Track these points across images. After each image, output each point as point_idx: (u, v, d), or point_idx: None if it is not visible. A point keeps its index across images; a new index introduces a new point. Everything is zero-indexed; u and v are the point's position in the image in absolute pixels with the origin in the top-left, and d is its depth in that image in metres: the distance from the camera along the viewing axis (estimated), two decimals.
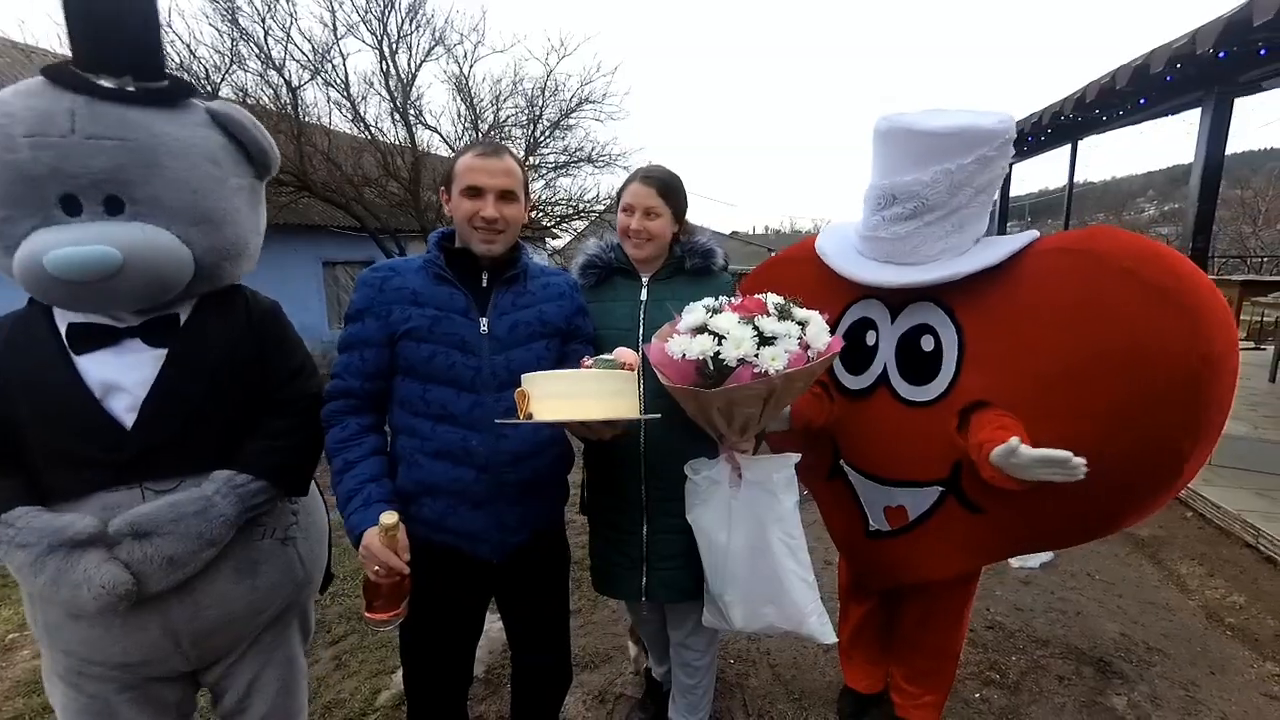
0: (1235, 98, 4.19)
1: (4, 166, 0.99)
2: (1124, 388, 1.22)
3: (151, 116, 1.08)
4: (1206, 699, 2.09)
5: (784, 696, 2.13)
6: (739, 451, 1.40)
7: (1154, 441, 1.24)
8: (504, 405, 1.29)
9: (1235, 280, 6.94)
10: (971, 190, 1.35)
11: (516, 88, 8.81)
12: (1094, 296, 1.25)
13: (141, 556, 1.04)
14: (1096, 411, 1.26)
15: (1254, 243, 20.64)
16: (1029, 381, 1.33)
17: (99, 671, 1.12)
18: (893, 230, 1.42)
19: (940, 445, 1.43)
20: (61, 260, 0.98)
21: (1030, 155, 7.37)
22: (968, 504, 1.45)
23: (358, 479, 1.26)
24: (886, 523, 1.61)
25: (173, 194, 1.09)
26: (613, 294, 1.60)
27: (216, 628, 1.19)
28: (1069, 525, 1.45)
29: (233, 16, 6.60)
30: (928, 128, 1.34)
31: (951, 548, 1.53)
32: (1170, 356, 1.17)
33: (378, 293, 1.31)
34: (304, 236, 9.18)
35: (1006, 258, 1.35)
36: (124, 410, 1.07)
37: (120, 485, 1.07)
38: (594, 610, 2.66)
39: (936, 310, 1.45)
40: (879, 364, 1.54)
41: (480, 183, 1.28)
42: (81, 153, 1.01)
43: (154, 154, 1.07)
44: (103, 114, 1.04)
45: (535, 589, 1.49)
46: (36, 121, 1.00)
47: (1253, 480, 3.70)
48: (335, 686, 2.20)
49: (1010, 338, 1.35)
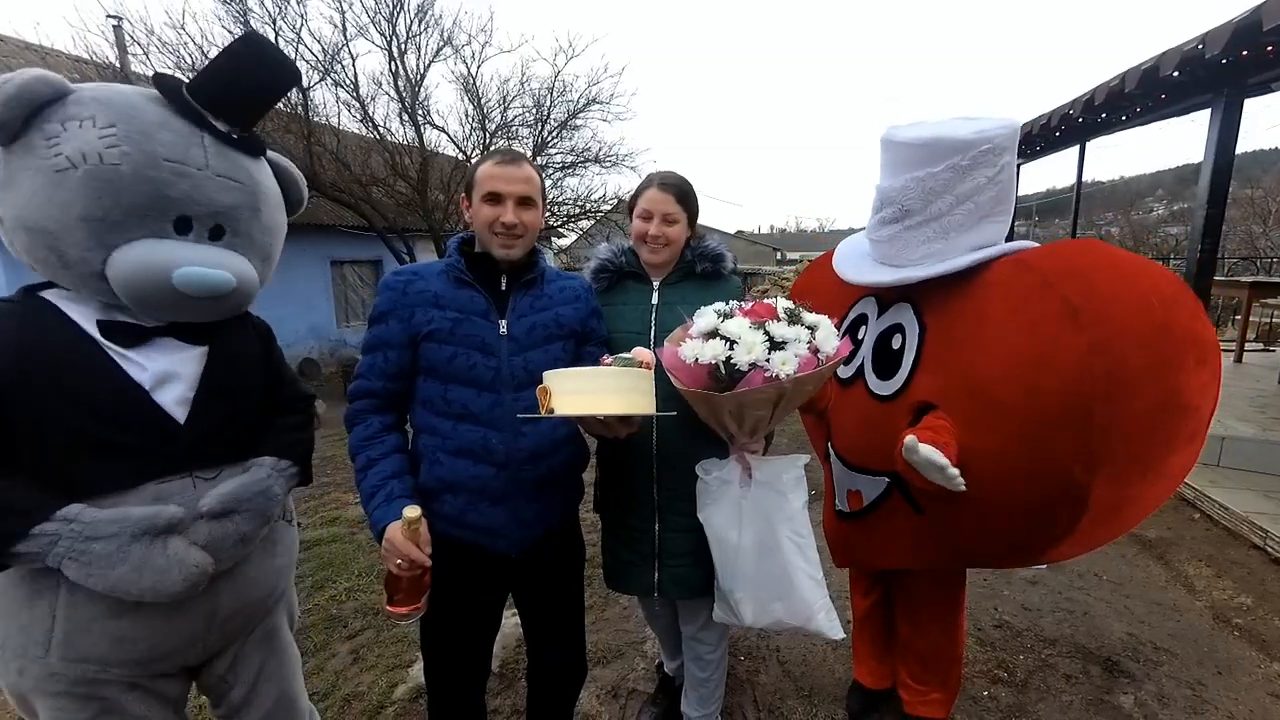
0: (1244, 99, 4.19)
1: (143, 181, 1.07)
2: (1030, 405, 1.19)
3: (252, 165, 1.23)
4: (1213, 698, 2.11)
5: (793, 693, 2.16)
6: (749, 452, 1.43)
7: (1051, 465, 1.19)
8: (522, 404, 1.33)
9: (1245, 281, 6.90)
10: (951, 198, 1.36)
11: (524, 88, 8.88)
12: (1020, 309, 1.24)
13: (221, 535, 1.12)
14: (1008, 425, 1.23)
15: (1264, 242, 20.47)
16: (966, 388, 1.32)
17: (115, 674, 1.12)
18: (879, 234, 1.50)
19: (892, 439, 1.40)
20: (194, 278, 1.08)
21: (1039, 156, 7.36)
22: (911, 501, 1.49)
23: (380, 475, 1.30)
24: (847, 504, 1.70)
25: (260, 233, 1.25)
26: (624, 297, 1.63)
27: (245, 604, 1.26)
28: (991, 542, 1.42)
29: (244, 18, 6.67)
30: (901, 138, 1.41)
31: (899, 540, 1.59)
32: (1063, 379, 1.13)
33: (401, 296, 1.35)
34: (312, 236, 9.26)
35: (967, 265, 1.38)
36: (172, 403, 1.12)
37: (172, 475, 1.12)
38: (606, 607, 2.70)
39: (908, 311, 1.50)
40: (860, 356, 1.61)
41: (500, 189, 1.32)
42: (213, 188, 1.14)
43: (258, 199, 1.23)
44: (225, 156, 1.17)
45: (552, 583, 1.53)
46: (178, 149, 1.10)
47: (1261, 482, 3.70)
48: (353, 680, 2.24)
49: (959, 343, 1.36)
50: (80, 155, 1.02)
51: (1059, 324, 1.15)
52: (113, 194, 1.04)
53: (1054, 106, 5.84)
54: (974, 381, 1.30)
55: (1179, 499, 3.75)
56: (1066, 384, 1.13)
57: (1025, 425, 1.20)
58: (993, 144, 1.33)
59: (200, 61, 6.51)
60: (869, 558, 1.76)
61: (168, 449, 1.11)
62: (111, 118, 1.05)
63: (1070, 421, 1.14)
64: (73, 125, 1.03)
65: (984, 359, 1.29)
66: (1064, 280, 1.19)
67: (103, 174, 1.03)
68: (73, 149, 1.02)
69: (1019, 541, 1.37)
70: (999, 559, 1.60)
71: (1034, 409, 1.18)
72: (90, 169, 1.02)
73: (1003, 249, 1.39)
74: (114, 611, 1.09)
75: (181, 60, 6.46)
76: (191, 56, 6.47)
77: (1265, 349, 7.66)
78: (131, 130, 1.06)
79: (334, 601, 2.78)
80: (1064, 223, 11.52)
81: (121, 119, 1.06)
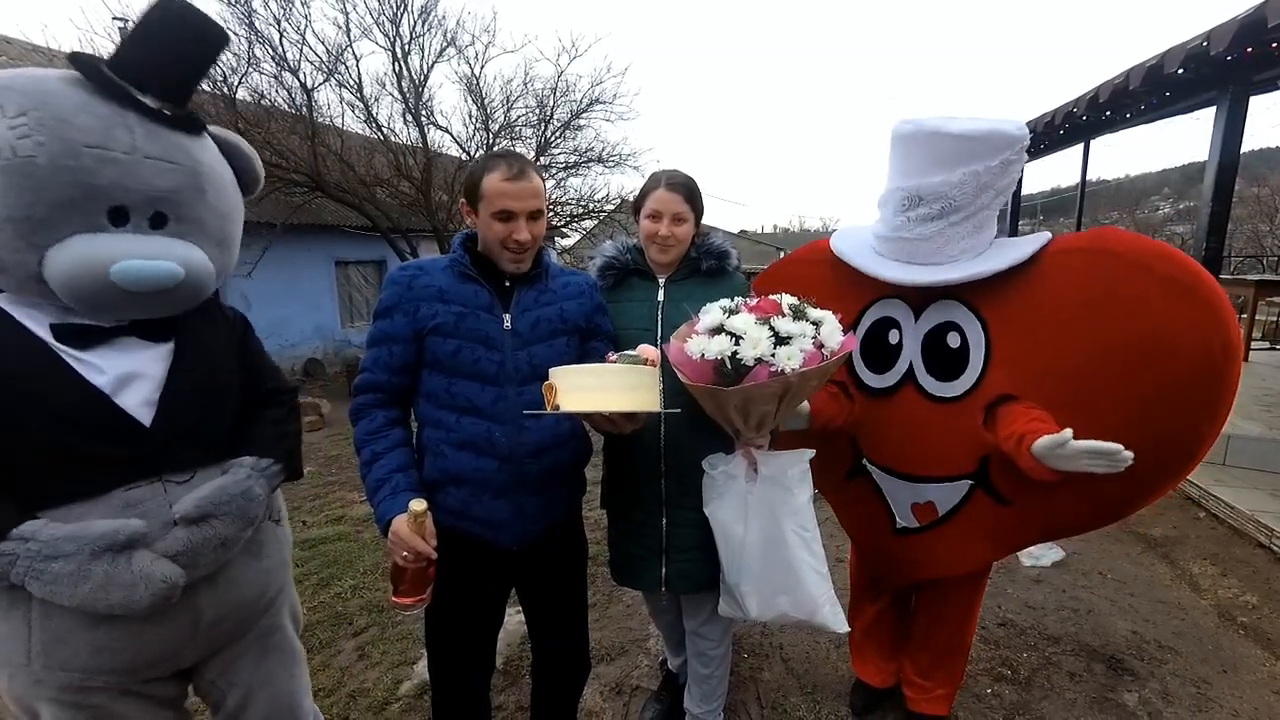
0: (1250, 97, 4.17)
1: (62, 171, 0.98)
2: (1147, 379, 1.29)
3: (190, 143, 1.12)
4: (1218, 696, 2.11)
5: (797, 690, 2.17)
6: (755, 447, 1.44)
7: (1177, 428, 1.31)
8: (526, 399, 1.34)
9: (1251, 280, 6.86)
10: (993, 192, 1.39)
11: (527, 88, 8.88)
12: (1114, 292, 1.31)
13: (200, 541, 1.06)
14: (1122, 403, 1.32)
15: (1270, 241, 20.36)
16: (1053, 375, 1.37)
17: (103, 681, 1.08)
18: (918, 231, 1.44)
19: (968, 439, 1.47)
20: (133, 271, 1.01)
21: (1043, 155, 7.34)
22: (996, 496, 1.48)
23: (385, 469, 1.31)
24: (915, 519, 1.62)
25: (210, 217, 1.16)
26: (630, 294, 1.64)
27: (232, 610, 1.20)
28: (1087, 513, 1.50)
29: (249, 20, 6.69)
30: (956, 130, 1.36)
31: (978, 540, 1.56)
32: (1195, 346, 1.24)
33: (406, 290, 1.36)
34: (317, 236, 9.29)
35: (1029, 257, 1.39)
36: (137, 405, 1.06)
37: (140, 480, 1.06)
38: (610, 604, 2.70)
39: (961, 308, 1.48)
40: (904, 362, 1.56)
41: (512, 207, 1.31)
42: (147, 172, 1.05)
43: (201, 180, 1.13)
44: (156, 135, 1.07)
45: (555, 577, 1.54)
46: (99, 132, 1.00)
47: (1266, 481, 3.69)
48: (359, 676, 2.25)
49: (1033, 333, 1.40)
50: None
51: (1170, 300, 1.25)
52: (32, 189, 0.96)
53: (1058, 104, 5.82)
54: (1066, 368, 1.36)
55: (1184, 497, 3.74)
56: (1197, 350, 1.24)
57: (1147, 397, 1.30)
58: (1027, 140, 1.38)
59: None
60: (942, 566, 1.66)
61: (134, 453, 1.05)
62: (22, 105, 0.95)
63: (1201, 386, 1.26)
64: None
65: (1077, 345, 1.35)
66: (1156, 262, 1.28)
67: (17, 168, 0.95)
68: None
69: (1117, 502, 1.46)
70: (1088, 524, 1.58)
71: (1159, 380, 1.28)
72: (3, 165, 0.94)
73: (1040, 240, 1.42)
74: (89, 623, 1.04)
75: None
76: None
77: (1271, 347, 7.62)
78: (45, 117, 0.96)
79: (339, 599, 2.79)
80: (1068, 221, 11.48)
81: (33, 105, 0.96)
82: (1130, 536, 3.34)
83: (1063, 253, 1.40)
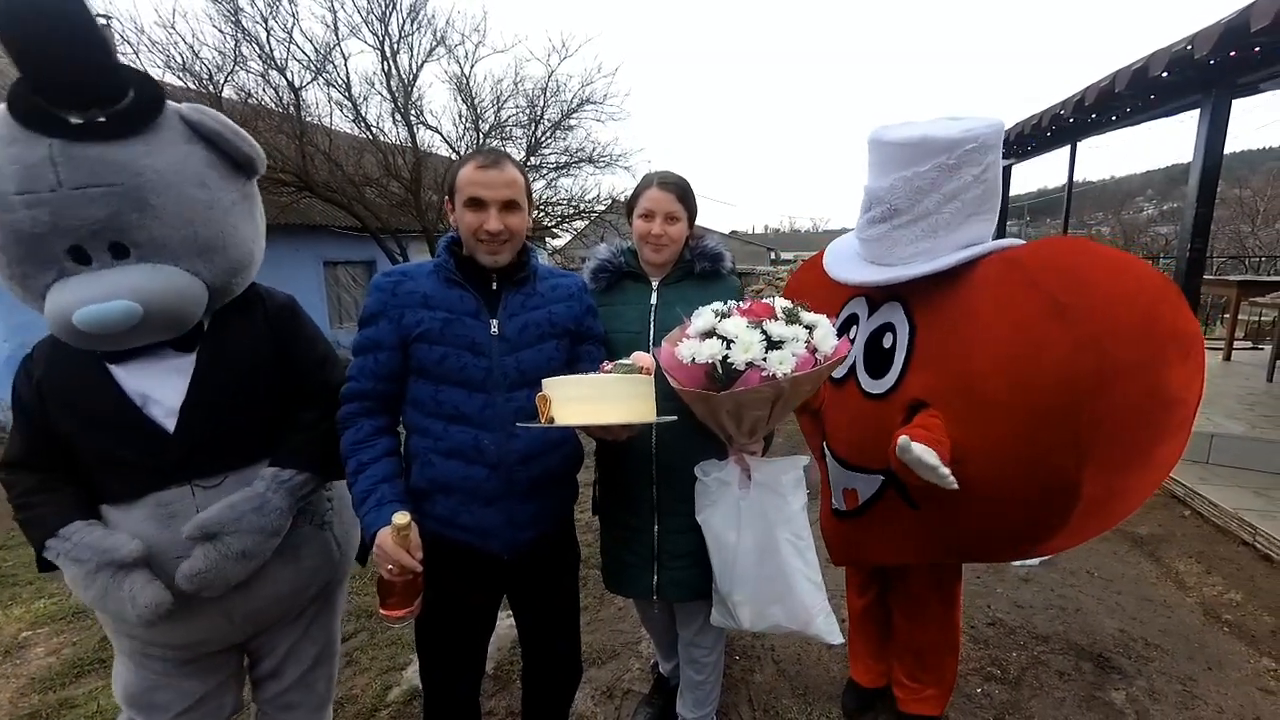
0: (1233, 100, 4.22)
1: (5, 227, 0.99)
2: (1020, 402, 1.21)
3: (130, 151, 1.03)
4: (1204, 694, 2.13)
5: (788, 692, 2.17)
6: (748, 453, 1.43)
7: (1042, 460, 1.21)
8: (514, 405, 1.32)
9: (1233, 281, 6.96)
10: (939, 197, 1.37)
11: (518, 88, 8.86)
12: (1008, 306, 1.26)
13: (218, 556, 1.13)
14: (999, 422, 1.25)
15: (1252, 242, 20.69)
16: (957, 386, 1.33)
17: (160, 652, 1.23)
18: (869, 232, 1.51)
19: (885, 437, 1.40)
20: (88, 318, 0.99)
21: (1030, 156, 7.40)
22: (906, 498, 1.49)
23: (371, 480, 1.29)
24: (844, 503, 1.70)
25: (170, 231, 1.07)
26: (623, 297, 1.63)
27: (266, 604, 1.30)
28: (985, 537, 1.45)
29: (235, 18, 6.63)
30: (888, 138, 1.42)
31: (895, 536, 1.60)
32: (1052, 375, 1.15)
33: (390, 296, 1.33)
34: (305, 236, 9.21)
35: (957, 263, 1.38)
36: (164, 415, 1.14)
37: (171, 485, 1.14)
38: (601, 608, 2.69)
39: (898, 310, 1.50)
40: (852, 356, 1.61)
41: (482, 195, 1.28)
42: (74, 205, 0.98)
43: (141, 194, 1.03)
44: (82, 158, 0.99)
45: (546, 584, 1.53)
46: (24, 177, 0.96)
47: (1250, 479, 3.74)
48: (347, 683, 2.23)
49: (949, 340, 1.38)
50: None
51: (1045, 320, 1.17)
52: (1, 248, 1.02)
53: (1045, 107, 5.88)
54: (964, 379, 1.31)
55: (1169, 496, 3.78)
56: (1054, 380, 1.15)
57: (1015, 421, 1.22)
58: (979, 142, 1.34)
59: (191, 61, 6.47)
60: (866, 555, 1.77)
61: (160, 461, 1.13)
62: None
63: (1059, 417, 1.16)
64: None
65: (974, 356, 1.30)
66: (1049, 277, 1.21)
67: None
68: None
69: (1012, 535, 1.40)
70: (994, 553, 1.60)
71: (1023, 405, 1.20)
72: None
73: (990, 247, 1.40)
74: None
75: (171, 59, 6.42)
76: (181, 56, 6.43)
77: (1254, 347, 7.74)
78: None
79: None
80: (1055, 222, 11.59)
81: None
82: (1116, 535, 3.37)
83: (994, 260, 1.36)
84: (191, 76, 6.46)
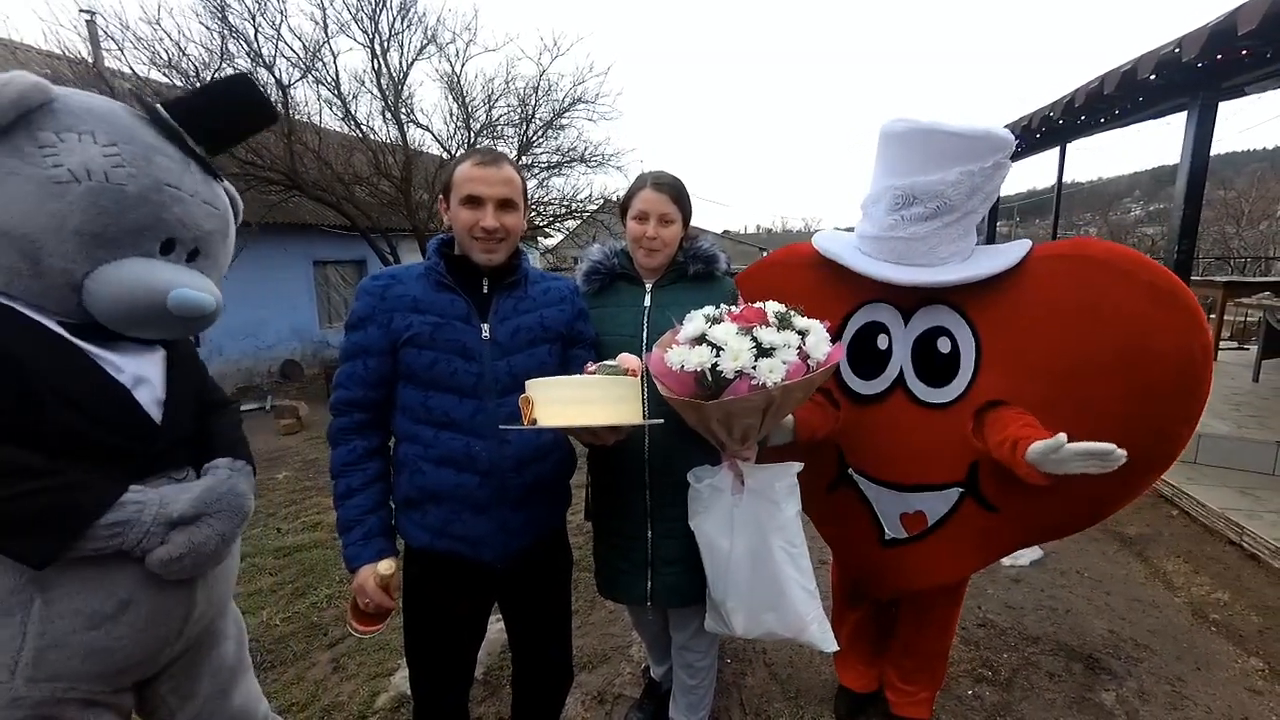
0: (1219, 102, 4.26)
1: (146, 203, 1.08)
2: (1132, 382, 1.32)
3: (220, 191, 1.25)
4: (1192, 694, 2.14)
5: (780, 695, 2.16)
6: (741, 459, 1.41)
7: (1158, 429, 1.35)
8: (506, 411, 1.30)
9: (1219, 281, 7.03)
10: (983, 195, 1.40)
11: (509, 87, 8.79)
12: (1098, 297, 1.34)
13: (202, 540, 1.11)
14: (1107, 405, 1.35)
15: (1237, 243, 20.94)
16: (1041, 380, 1.39)
17: (81, 691, 1.08)
18: (910, 230, 1.41)
19: (958, 446, 1.46)
20: (189, 300, 1.10)
21: (1020, 158, 7.45)
22: (984, 504, 1.48)
23: (359, 509, 1.31)
24: (904, 530, 1.58)
25: (225, 257, 1.29)
26: (616, 300, 1.61)
27: (212, 606, 1.27)
28: (1070, 516, 1.53)
29: (222, 14, 6.53)
30: (954, 129, 1.35)
31: (966, 548, 1.56)
32: (1174, 350, 1.29)
33: (379, 300, 1.31)
34: (294, 236, 9.12)
35: (1017, 262, 1.40)
36: (149, 402, 1.13)
37: (151, 475, 1.13)
38: (592, 611, 2.68)
39: (951, 313, 1.47)
40: (894, 367, 1.53)
41: (479, 192, 1.28)
42: (200, 214, 1.17)
43: (227, 225, 1.27)
44: (206, 182, 1.20)
45: (538, 591, 1.51)
46: (175, 174, 1.13)
47: (1236, 479, 3.78)
48: (334, 689, 2.20)
49: (1021, 339, 1.41)
50: (85, 170, 1.02)
51: (1153, 306, 1.29)
52: (115, 213, 1.05)
53: (1035, 108, 5.91)
54: (1055, 372, 1.38)
55: (1157, 495, 3.81)
56: (1175, 357, 1.29)
57: (1131, 399, 1.34)
58: (1014, 145, 1.39)
59: (177, 58, 6.37)
60: (930, 576, 1.62)
61: (146, 449, 1.12)
62: (113, 135, 1.06)
63: (1182, 388, 1.31)
64: (70, 137, 1.02)
65: (1066, 349, 1.37)
66: (1138, 269, 1.32)
67: (108, 192, 1.04)
68: (76, 163, 1.01)
69: (1097, 505, 1.50)
70: (1070, 528, 1.60)
71: (1142, 383, 1.32)
72: (95, 186, 1.02)
73: (1024, 246, 1.44)
74: (92, 622, 1.06)
75: (156, 56, 6.31)
76: (167, 52, 6.33)
77: (1240, 347, 7.83)
78: (135, 152, 1.07)
79: (314, 609, 2.73)
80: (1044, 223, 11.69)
81: (123, 138, 1.07)
82: (1106, 535, 3.39)
83: (1048, 259, 1.41)
84: (178, 73, 6.37)
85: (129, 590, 1.09)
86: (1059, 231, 8.33)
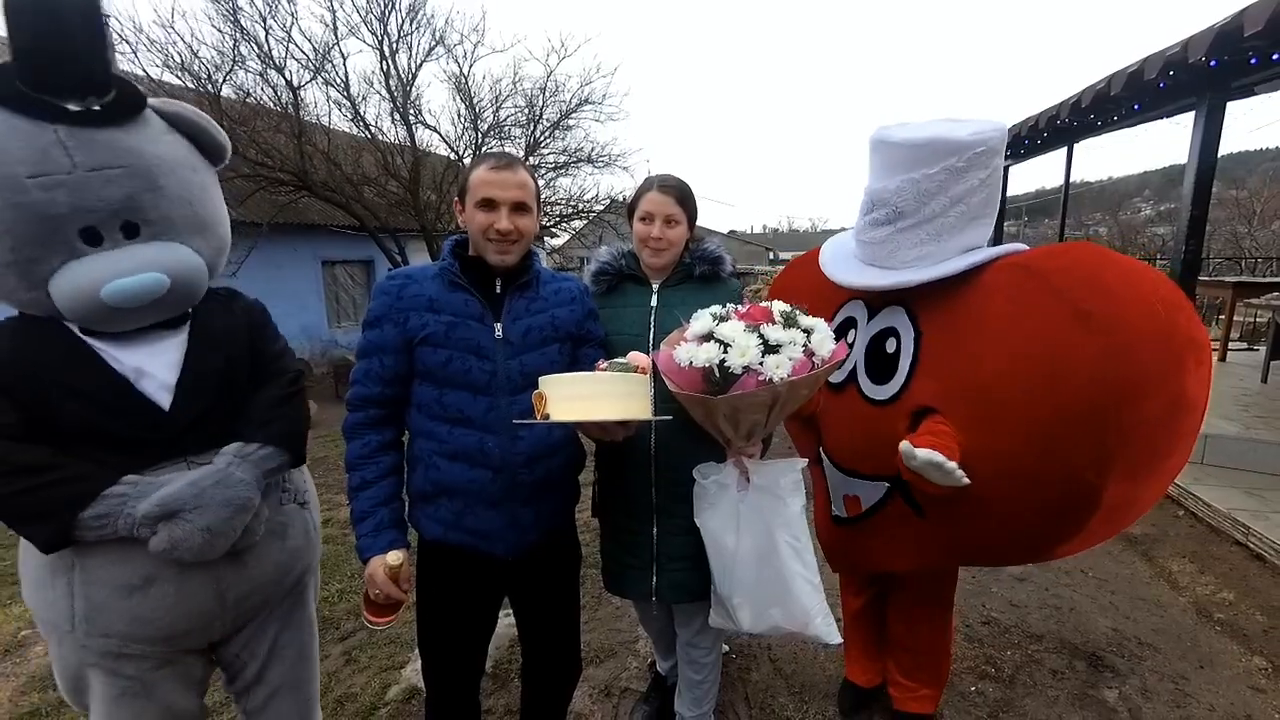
0: (1227, 103, 4.25)
1: (18, 209, 0.98)
2: (1041, 409, 1.20)
3: (130, 136, 1.08)
4: (1196, 692, 2.15)
5: (785, 690, 2.19)
6: (746, 456, 1.44)
7: (1064, 468, 1.21)
8: (518, 408, 1.33)
9: (1229, 282, 7.01)
10: (946, 200, 1.36)
11: (516, 88, 8.86)
12: (1026, 314, 1.25)
13: (182, 535, 1.09)
14: (1016, 428, 1.25)
15: (1249, 243, 20.75)
16: (968, 392, 1.33)
17: (139, 650, 1.16)
18: (871, 235, 1.49)
19: (891, 443, 1.39)
20: (119, 291, 1.03)
21: (1028, 158, 7.43)
22: (912, 504, 1.49)
23: (371, 501, 1.34)
24: (845, 510, 1.69)
25: (177, 210, 1.14)
26: (623, 300, 1.64)
27: (256, 586, 1.29)
28: (997, 542, 1.45)
29: (234, 17, 6.61)
30: (896, 139, 1.39)
31: (900, 543, 1.59)
32: (1079, 384, 1.15)
33: (395, 300, 1.35)
34: (303, 236, 9.19)
35: (965, 269, 1.38)
36: (156, 390, 1.13)
37: (166, 462, 1.14)
38: (599, 606, 2.71)
39: (902, 314, 1.50)
40: (852, 360, 1.59)
41: (494, 195, 1.31)
42: (92, 186, 1.03)
43: (152, 175, 1.09)
44: (93, 142, 1.03)
45: (548, 585, 1.54)
46: (35, 160, 0.98)
47: (1243, 479, 3.77)
48: (346, 681, 2.24)
49: (958, 347, 1.37)
50: None
51: (1070, 329, 1.16)
52: (7, 234, 1.00)
53: (1042, 108, 5.90)
54: (978, 385, 1.31)
55: (1164, 496, 3.81)
56: (1083, 389, 1.14)
57: (1036, 429, 1.21)
58: (986, 146, 1.34)
59: (190, 61, 6.46)
60: (867, 562, 1.74)
61: (157, 436, 1.13)
62: None
63: (1087, 426, 1.15)
64: None
65: (988, 363, 1.29)
66: (1072, 286, 1.20)
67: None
68: None
69: (1025, 540, 1.40)
70: (1003, 557, 1.60)
71: (1046, 413, 1.19)
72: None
73: (996, 252, 1.39)
74: (123, 593, 1.12)
75: (170, 59, 6.40)
76: (180, 55, 6.41)
77: (1249, 348, 7.78)
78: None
79: (326, 603, 2.78)
80: (1053, 223, 11.61)
81: None
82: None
83: (1005, 267, 1.35)
84: (190, 76, 6.45)
85: (152, 568, 1.14)
86: (1067, 232, 8.29)
